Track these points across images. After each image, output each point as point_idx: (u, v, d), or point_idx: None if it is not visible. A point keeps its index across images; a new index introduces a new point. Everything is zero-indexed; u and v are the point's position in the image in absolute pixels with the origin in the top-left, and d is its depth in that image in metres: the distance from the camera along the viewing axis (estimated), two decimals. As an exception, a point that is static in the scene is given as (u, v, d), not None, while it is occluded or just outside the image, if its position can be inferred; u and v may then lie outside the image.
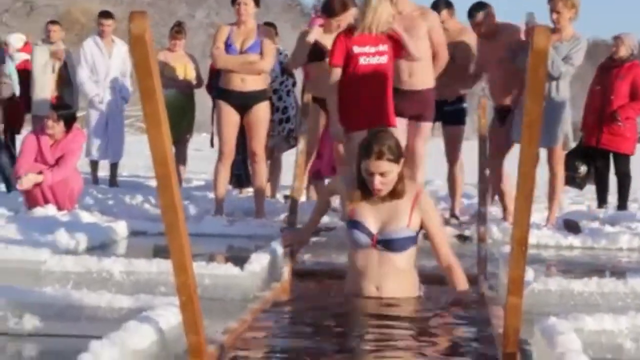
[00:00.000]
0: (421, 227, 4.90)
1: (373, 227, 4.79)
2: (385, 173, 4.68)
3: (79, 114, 11.18)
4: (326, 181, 10.31)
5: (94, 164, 11.80)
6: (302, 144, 6.44)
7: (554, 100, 8.34)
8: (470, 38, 8.56)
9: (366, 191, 4.82)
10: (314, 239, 7.55)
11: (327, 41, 8.00)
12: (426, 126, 7.96)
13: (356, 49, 6.97)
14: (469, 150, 9.57)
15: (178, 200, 2.95)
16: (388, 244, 4.75)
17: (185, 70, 11.22)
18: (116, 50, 11.64)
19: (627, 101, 9.87)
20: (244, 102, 8.36)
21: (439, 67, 8.00)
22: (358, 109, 6.99)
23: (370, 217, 4.79)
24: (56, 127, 8.45)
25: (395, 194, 4.80)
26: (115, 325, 3.49)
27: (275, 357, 3.62)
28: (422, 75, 7.82)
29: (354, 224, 4.81)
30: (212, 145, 11.24)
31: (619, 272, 6.19)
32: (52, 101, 11.02)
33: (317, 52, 8.29)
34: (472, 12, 8.42)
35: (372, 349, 3.80)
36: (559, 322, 3.78)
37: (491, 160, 8.17)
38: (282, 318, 4.47)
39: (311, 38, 7.90)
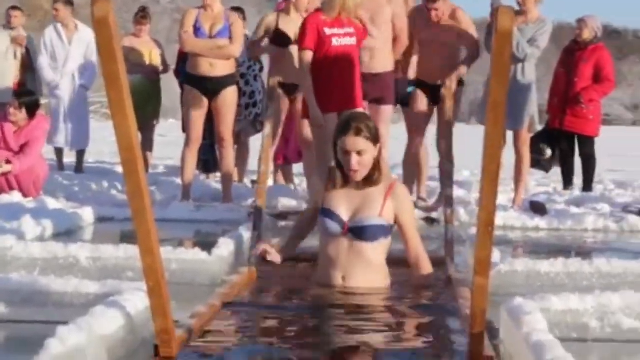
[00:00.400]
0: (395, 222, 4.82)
1: (345, 215, 4.70)
2: (362, 152, 4.59)
3: (43, 101, 11.06)
4: (294, 167, 10.35)
5: (59, 151, 11.70)
6: (268, 129, 6.42)
7: (519, 82, 8.38)
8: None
9: (342, 178, 4.77)
10: (282, 223, 7.57)
11: (289, 27, 8.03)
12: (387, 109, 7.97)
13: (327, 31, 6.95)
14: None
15: (144, 185, 2.94)
16: (358, 232, 4.66)
17: (150, 55, 11.15)
18: (77, 37, 11.45)
19: (591, 83, 9.93)
20: (211, 87, 8.33)
21: (398, 52, 8.06)
22: (330, 91, 6.97)
23: (343, 205, 4.71)
24: (18, 115, 8.39)
25: (370, 181, 4.71)
26: (83, 310, 3.48)
27: (243, 342, 3.61)
28: (383, 58, 7.84)
29: (325, 212, 4.74)
30: (184, 130, 11.21)
31: (584, 253, 6.25)
32: (14, 88, 10.89)
33: (279, 38, 8.32)
34: None
35: (342, 334, 3.81)
36: (526, 302, 3.81)
37: (417, 137, 8.20)
38: (250, 303, 4.47)
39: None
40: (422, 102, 8.27)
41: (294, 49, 7.98)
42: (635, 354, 3.93)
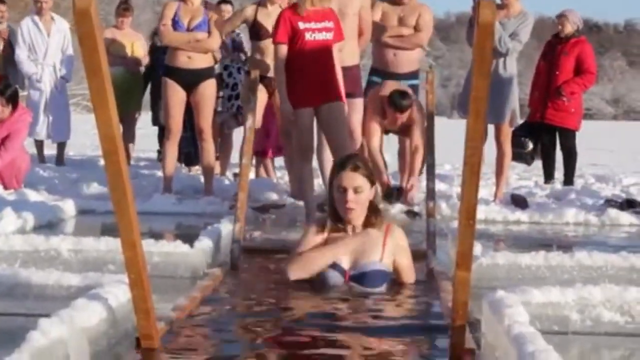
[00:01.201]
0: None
1: (345, 263, 4.59)
2: (358, 188, 4.55)
3: (22, 93, 10.99)
4: (276, 161, 10.34)
5: (40, 144, 11.64)
6: (250, 121, 6.41)
7: (501, 76, 8.41)
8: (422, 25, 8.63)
9: (337, 222, 4.68)
10: (264, 216, 7.58)
11: (268, 20, 8.05)
12: (358, 102, 8.04)
13: (301, 25, 6.92)
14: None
15: (126, 177, 2.93)
16: (360, 279, 4.53)
17: (132, 47, 11.12)
18: (55, 28, 11.40)
19: (572, 77, 9.95)
20: (190, 80, 8.33)
21: (362, 47, 8.15)
22: (305, 86, 6.93)
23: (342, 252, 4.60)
24: (5, 111, 8.35)
25: (368, 224, 4.66)
26: (64, 303, 3.46)
27: (226, 334, 3.62)
28: (351, 51, 7.90)
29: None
30: (154, 123, 11.19)
31: (565, 246, 6.28)
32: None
33: (255, 31, 8.33)
34: None
35: (323, 327, 3.82)
36: (507, 295, 3.81)
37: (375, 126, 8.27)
38: (232, 295, 4.47)
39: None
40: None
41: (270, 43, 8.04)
42: (616, 347, 3.95)
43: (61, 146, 11.64)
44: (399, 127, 8.33)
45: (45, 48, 11.28)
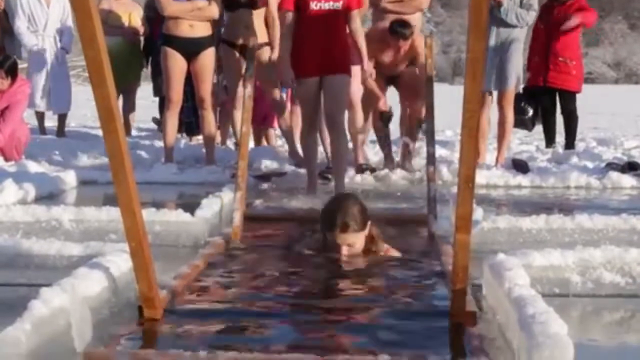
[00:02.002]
0: None
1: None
2: (352, 244, 4.43)
3: (21, 65, 10.94)
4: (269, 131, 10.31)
5: (40, 115, 11.62)
6: (248, 89, 6.38)
7: (507, 43, 8.39)
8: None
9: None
10: (265, 185, 7.58)
11: None
12: (356, 69, 7.97)
13: None
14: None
15: (124, 145, 2.93)
16: None
17: (130, 17, 11.05)
18: None
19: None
20: (191, 49, 8.29)
21: (362, 12, 8.09)
22: (308, 56, 6.83)
23: None
24: (5, 83, 8.34)
25: (368, 254, 4.54)
26: (66, 273, 3.47)
27: (228, 302, 3.63)
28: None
29: None
30: (155, 94, 11.16)
31: (567, 210, 6.27)
32: (-6, 53, 10.77)
33: (230, 1, 8.28)
34: None
35: (324, 293, 3.83)
36: (507, 258, 3.82)
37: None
38: (234, 263, 4.48)
39: None
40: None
41: (245, 12, 8.15)
42: (617, 308, 3.96)
43: (62, 118, 11.60)
44: (402, 68, 8.24)
45: (46, 19, 11.21)
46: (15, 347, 2.69)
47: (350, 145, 8.12)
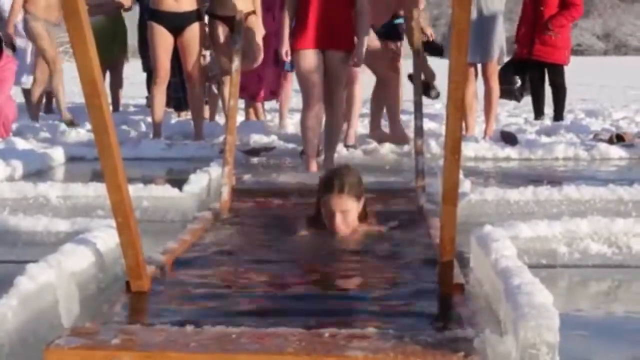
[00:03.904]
0: None
1: None
2: (346, 211, 4.41)
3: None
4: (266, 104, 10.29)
5: (27, 92, 11.54)
6: (236, 62, 6.35)
7: (487, 14, 8.36)
8: None
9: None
10: (254, 159, 7.56)
11: None
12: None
13: None
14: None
15: (109, 120, 2.91)
16: None
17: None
18: None
19: (558, 10, 9.86)
20: (177, 23, 8.22)
21: None
22: (308, 27, 6.65)
23: None
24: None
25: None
26: (53, 249, 3.47)
27: (216, 277, 3.63)
28: None
29: None
30: (144, 70, 11.11)
31: (555, 181, 6.28)
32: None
33: None
34: None
35: (313, 267, 3.83)
36: (494, 230, 3.83)
37: None
38: (222, 237, 4.47)
39: None
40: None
41: None
42: (603, 279, 3.98)
43: (49, 94, 11.55)
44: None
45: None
46: (2, 323, 2.68)
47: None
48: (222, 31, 8.19)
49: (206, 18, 8.49)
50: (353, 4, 6.75)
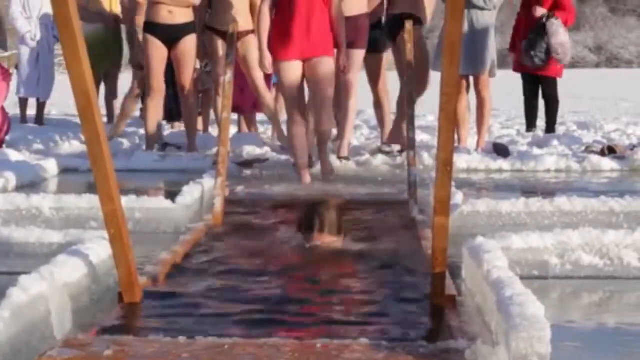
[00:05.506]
0: None
1: None
2: (328, 243, 4.37)
3: (5, 54, 10.89)
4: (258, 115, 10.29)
5: (24, 102, 11.56)
6: (229, 75, 6.36)
7: (478, 28, 8.38)
8: None
9: None
10: (247, 171, 7.56)
11: None
12: (359, 53, 7.88)
13: None
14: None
15: (102, 131, 2.92)
16: None
17: (111, 4, 11.00)
18: None
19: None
20: (171, 36, 8.24)
21: None
22: (289, 38, 6.68)
23: None
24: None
25: None
26: (46, 260, 3.46)
27: (208, 288, 3.63)
28: (358, 1, 7.76)
29: None
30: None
31: (546, 193, 6.30)
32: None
33: None
34: None
35: (305, 279, 3.83)
36: (486, 241, 3.84)
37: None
38: (215, 249, 4.48)
39: None
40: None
41: None
42: (595, 290, 3.99)
43: (41, 106, 11.55)
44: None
45: (40, 6, 11.16)
46: (-5, 334, 2.68)
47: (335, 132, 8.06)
48: (220, 45, 8.19)
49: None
50: (330, 9, 6.78)
